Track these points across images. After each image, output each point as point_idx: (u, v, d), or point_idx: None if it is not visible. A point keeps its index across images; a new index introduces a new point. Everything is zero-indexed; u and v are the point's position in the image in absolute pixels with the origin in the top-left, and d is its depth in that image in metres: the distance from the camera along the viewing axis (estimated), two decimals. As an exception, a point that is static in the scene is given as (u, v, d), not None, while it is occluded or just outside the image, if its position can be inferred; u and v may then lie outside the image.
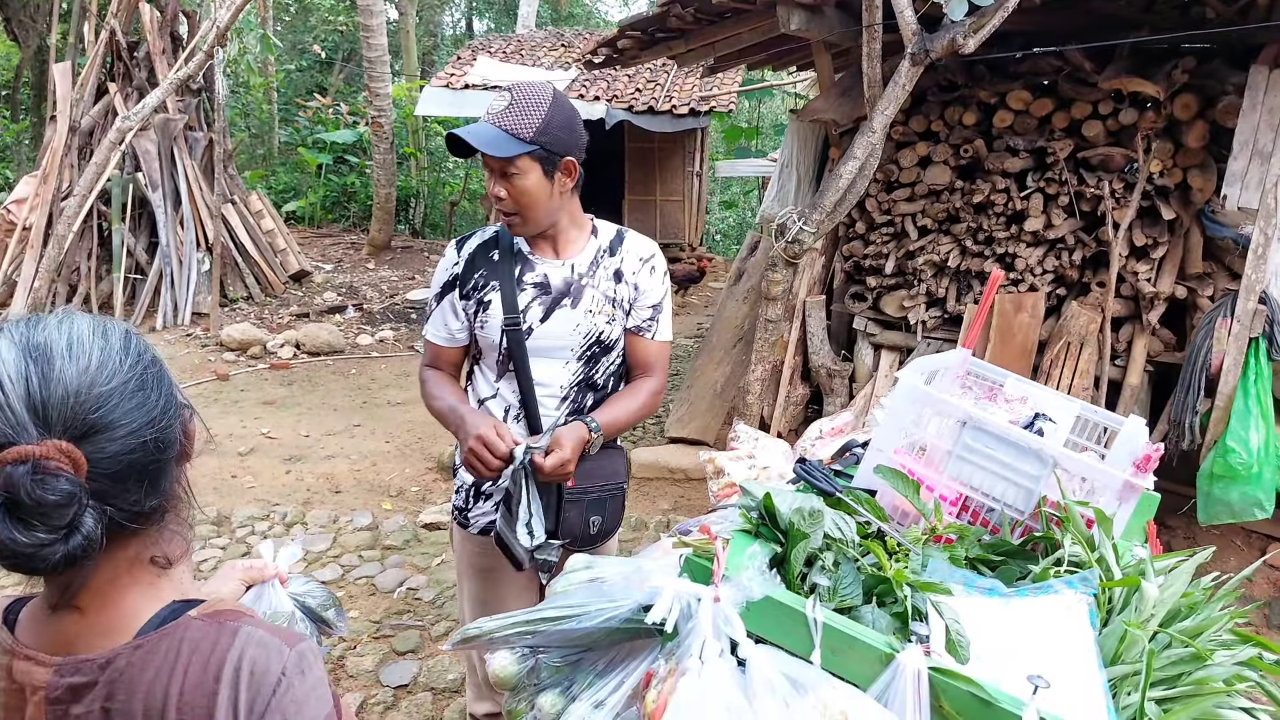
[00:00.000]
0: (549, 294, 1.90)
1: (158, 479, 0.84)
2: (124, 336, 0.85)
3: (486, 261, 1.93)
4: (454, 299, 1.95)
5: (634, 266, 1.96)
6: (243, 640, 0.84)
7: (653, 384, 2.01)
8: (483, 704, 2.14)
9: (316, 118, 15.23)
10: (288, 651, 0.85)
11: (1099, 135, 4.64)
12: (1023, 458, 1.36)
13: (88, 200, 7.46)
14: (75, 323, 0.83)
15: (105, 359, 0.81)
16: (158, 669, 0.82)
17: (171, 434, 0.85)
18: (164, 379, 0.86)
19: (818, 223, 4.07)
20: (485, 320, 1.91)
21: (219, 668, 0.82)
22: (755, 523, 1.22)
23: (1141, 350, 4.69)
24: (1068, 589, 1.22)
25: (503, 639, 1.21)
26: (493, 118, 1.76)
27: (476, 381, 2.01)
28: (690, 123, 12.02)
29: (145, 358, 0.85)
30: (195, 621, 0.85)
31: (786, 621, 1.05)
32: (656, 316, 2.00)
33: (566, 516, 1.91)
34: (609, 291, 1.93)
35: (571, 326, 1.91)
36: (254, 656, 0.83)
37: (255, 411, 6.19)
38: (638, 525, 4.68)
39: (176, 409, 0.87)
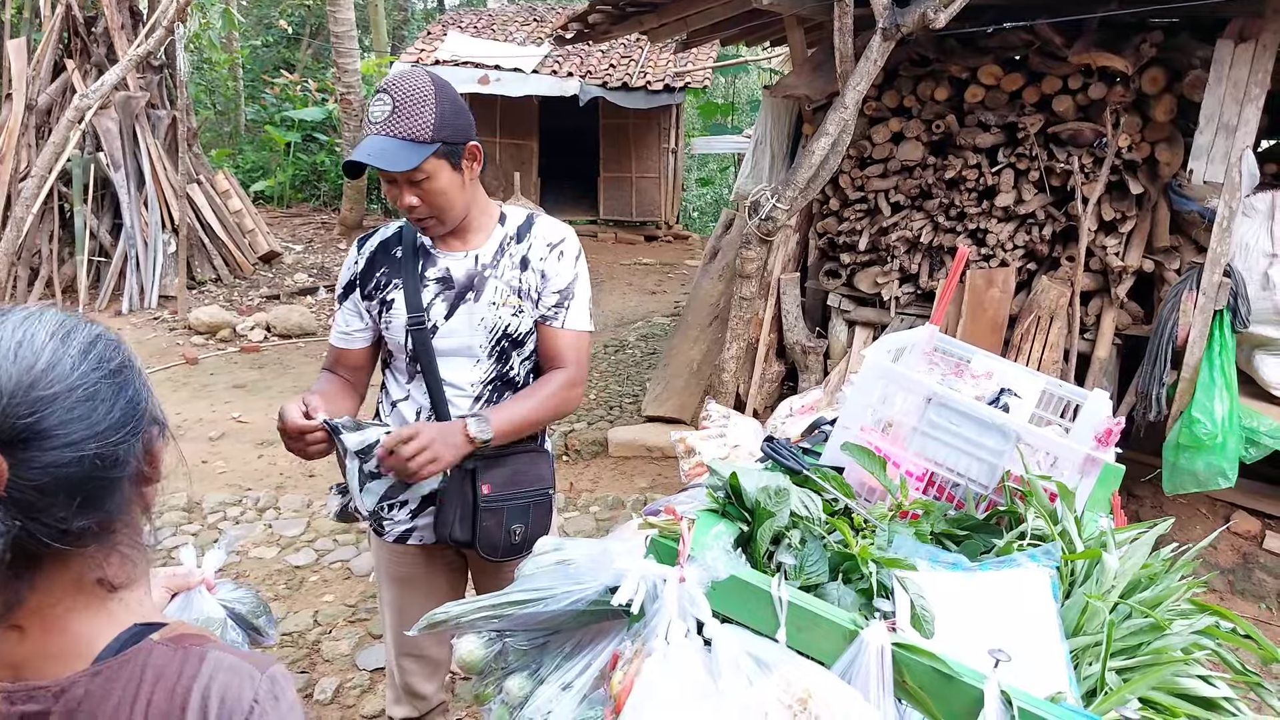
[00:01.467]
0: (452, 289, 1.81)
1: (97, 497, 0.78)
2: (88, 342, 0.80)
3: (388, 259, 1.84)
4: (355, 300, 1.88)
5: (541, 252, 1.84)
6: (210, 666, 0.80)
7: (563, 376, 1.85)
8: (400, 708, 2.09)
9: (284, 95, 14.96)
10: (259, 677, 0.81)
11: (1069, 110, 4.67)
12: (986, 433, 1.37)
13: (47, 181, 7.29)
14: (37, 321, 0.78)
15: (54, 362, 0.76)
16: (119, 699, 0.77)
17: (123, 452, 0.79)
18: (125, 392, 0.81)
19: (791, 199, 4.07)
20: (390, 320, 1.83)
21: (185, 696, 0.77)
22: (722, 502, 1.22)
23: (1110, 324, 4.74)
24: (1030, 562, 1.24)
25: (469, 623, 1.20)
26: (380, 127, 1.64)
27: (388, 384, 1.94)
28: (665, 99, 11.95)
29: (107, 366, 0.80)
30: (158, 647, 0.81)
31: (752, 600, 1.05)
32: (565, 303, 1.86)
33: (484, 525, 1.81)
34: (513, 281, 1.82)
35: (475, 321, 1.81)
36: (224, 683, 0.79)
37: (225, 395, 6.12)
38: (614, 504, 4.69)
39: (137, 425, 0.81)
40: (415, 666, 2.05)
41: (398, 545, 1.96)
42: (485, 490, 1.81)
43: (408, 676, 2.05)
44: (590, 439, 5.56)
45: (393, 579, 2.03)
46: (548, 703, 1.11)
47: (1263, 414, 3.90)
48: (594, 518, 4.55)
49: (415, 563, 1.99)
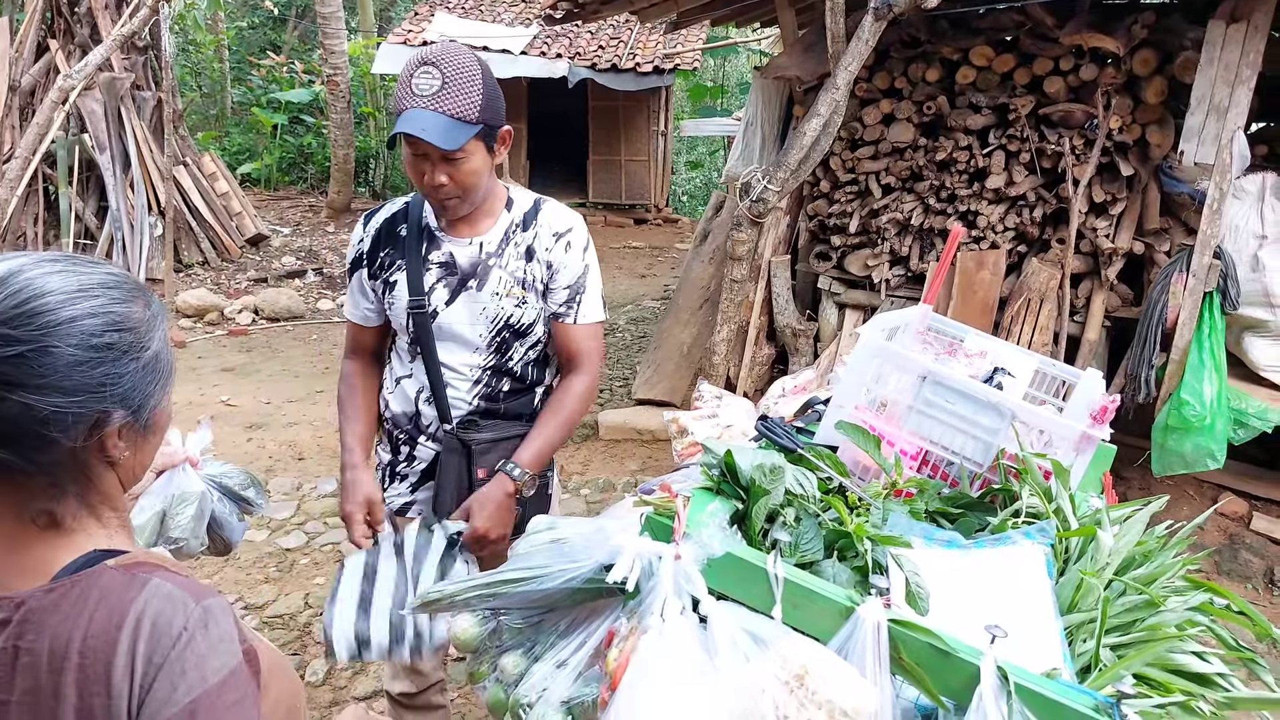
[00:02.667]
0: (455, 275, 1.78)
1: (20, 442, 0.82)
2: (104, 312, 0.85)
3: (394, 238, 1.82)
4: (362, 278, 1.87)
5: (547, 243, 1.81)
6: (149, 592, 0.84)
7: (580, 384, 1.85)
8: (398, 683, 2.08)
9: (270, 76, 14.80)
10: (192, 606, 0.85)
11: (1060, 91, 4.66)
12: (981, 411, 1.37)
13: (31, 163, 7.20)
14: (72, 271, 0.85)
15: (40, 310, 0.81)
16: (66, 613, 0.82)
17: (61, 418, 0.82)
18: (97, 368, 0.84)
19: (782, 181, 4.05)
20: (392, 301, 1.82)
21: (122, 617, 0.82)
22: (717, 480, 1.22)
23: (1100, 306, 4.76)
24: (1025, 540, 1.24)
25: (463, 601, 1.20)
26: (429, 101, 1.59)
27: (393, 360, 1.95)
28: (654, 81, 11.89)
29: (99, 340, 0.84)
30: (110, 571, 0.86)
31: (748, 577, 1.05)
32: (577, 297, 1.83)
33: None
34: (518, 272, 1.79)
35: (477, 311, 1.78)
36: (158, 609, 0.83)
37: (214, 379, 6.08)
38: (605, 486, 4.70)
39: (92, 404, 0.84)
40: None
41: (397, 517, 1.95)
42: (480, 474, 1.81)
43: None
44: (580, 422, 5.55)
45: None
46: (543, 680, 1.10)
47: (1251, 396, 3.93)
48: (585, 500, 4.55)
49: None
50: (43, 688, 0.81)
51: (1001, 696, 0.91)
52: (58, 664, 0.81)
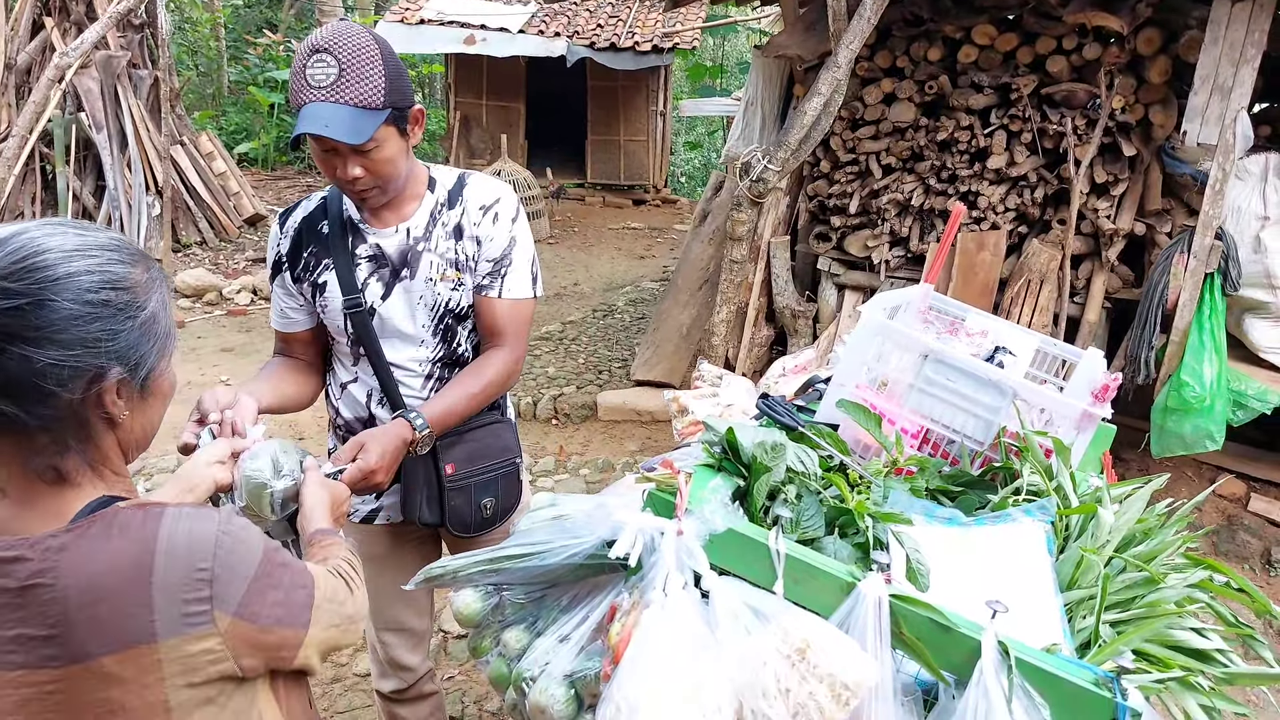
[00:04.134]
0: (386, 267, 1.68)
1: (20, 394, 0.86)
2: (100, 270, 0.90)
3: (315, 236, 1.70)
4: (285, 282, 1.74)
5: (475, 217, 1.70)
6: (172, 516, 0.92)
7: (501, 358, 1.73)
8: (387, 682, 2.05)
9: (267, 55, 14.67)
10: (212, 513, 0.95)
11: (1063, 71, 4.63)
12: (982, 389, 1.37)
13: (28, 142, 7.15)
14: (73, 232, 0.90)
15: (38, 265, 0.86)
16: (89, 549, 0.88)
17: (60, 372, 0.87)
18: (92, 324, 0.88)
19: (783, 161, 4.03)
20: (325, 304, 1.70)
21: (152, 543, 0.89)
22: (718, 457, 1.22)
23: (1100, 287, 4.75)
24: (1025, 517, 1.24)
25: (466, 577, 1.20)
26: (327, 92, 1.46)
27: (335, 367, 1.83)
28: (653, 60, 11.80)
29: (94, 296, 0.88)
30: (124, 509, 0.92)
31: (749, 553, 1.05)
32: (501, 271, 1.71)
33: (452, 505, 1.76)
34: (448, 253, 1.69)
35: (414, 301, 1.69)
36: (188, 526, 0.92)
37: (213, 359, 6.08)
38: (604, 466, 4.71)
39: (88, 359, 0.89)
40: (397, 640, 2.00)
41: (365, 525, 1.89)
42: (449, 470, 1.74)
43: (391, 650, 2.01)
44: (579, 403, 5.55)
45: (363, 558, 1.94)
46: (545, 654, 1.11)
47: (1251, 377, 3.93)
48: (584, 480, 4.56)
49: (384, 541, 1.92)
50: (73, 620, 0.86)
51: (1002, 670, 0.91)
52: (89, 597, 0.86)
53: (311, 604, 1.02)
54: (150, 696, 0.90)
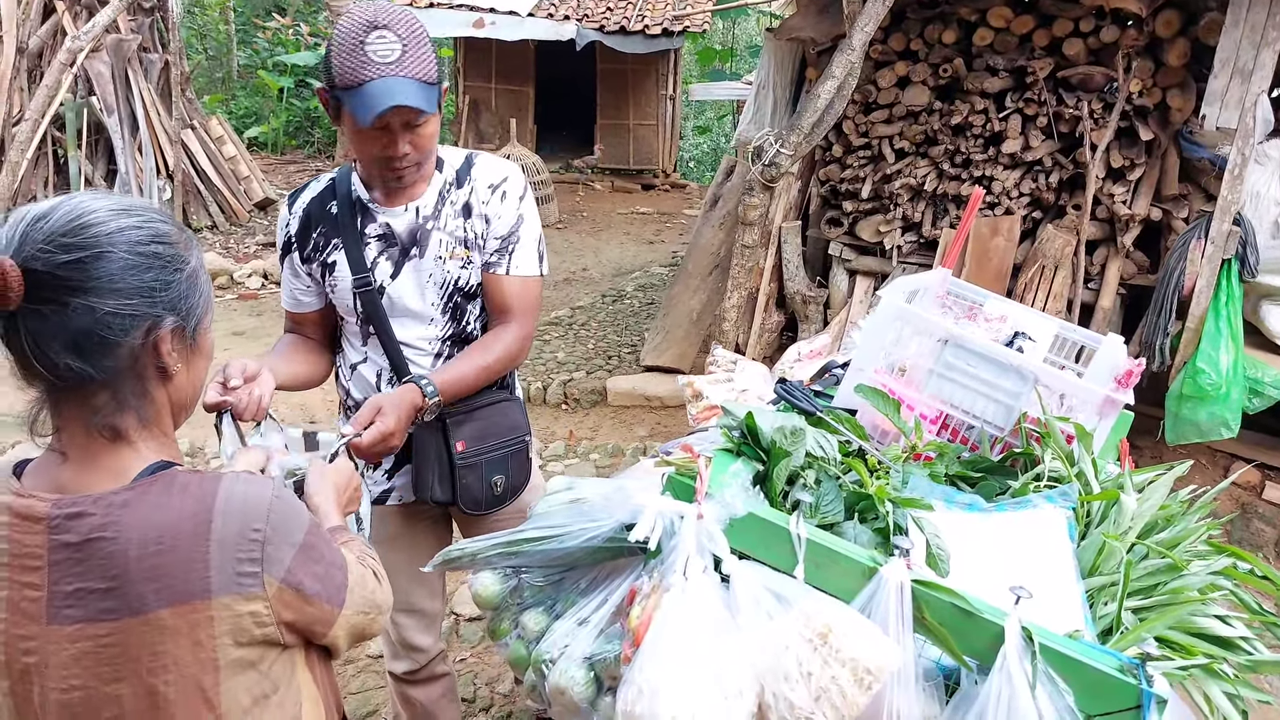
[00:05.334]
0: (395, 245, 1.69)
1: (86, 348, 0.92)
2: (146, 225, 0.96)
3: (325, 216, 1.71)
4: (294, 263, 1.75)
5: (484, 195, 1.72)
6: (229, 480, 0.97)
7: (510, 333, 1.74)
8: (399, 663, 2.05)
9: (276, 39, 14.64)
10: (269, 486, 1.00)
11: (1079, 54, 4.57)
12: (1003, 375, 1.36)
13: (41, 125, 7.16)
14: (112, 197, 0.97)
15: (91, 222, 0.92)
16: (150, 506, 0.93)
17: (121, 320, 0.93)
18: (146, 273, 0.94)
19: (795, 145, 4.00)
20: (335, 284, 1.72)
21: (211, 502, 0.95)
22: (737, 442, 1.21)
23: (1115, 273, 4.71)
24: (1047, 503, 1.23)
25: (484, 560, 1.20)
26: (396, 68, 1.49)
27: (345, 347, 1.84)
28: (663, 43, 11.72)
29: (145, 249, 0.94)
30: (184, 473, 0.98)
31: (770, 537, 1.04)
32: (509, 248, 1.73)
33: (463, 482, 1.76)
34: (457, 231, 1.70)
35: (424, 279, 1.71)
36: (244, 490, 0.97)
37: (225, 343, 6.09)
38: (614, 451, 4.71)
39: (144, 307, 0.94)
40: (410, 621, 2.00)
41: (377, 506, 1.89)
42: (459, 448, 1.74)
43: (404, 632, 2.01)
44: (589, 388, 5.55)
45: (375, 540, 1.95)
46: (564, 637, 1.11)
47: (1268, 364, 3.90)
48: (594, 465, 4.56)
49: (396, 522, 1.93)
50: (132, 572, 0.91)
51: (1026, 656, 0.90)
52: (149, 549, 0.91)
53: (346, 585, 1.06)
54: (201, 654, 0.94)
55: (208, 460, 4.46)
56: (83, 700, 0.94)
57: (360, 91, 1.49)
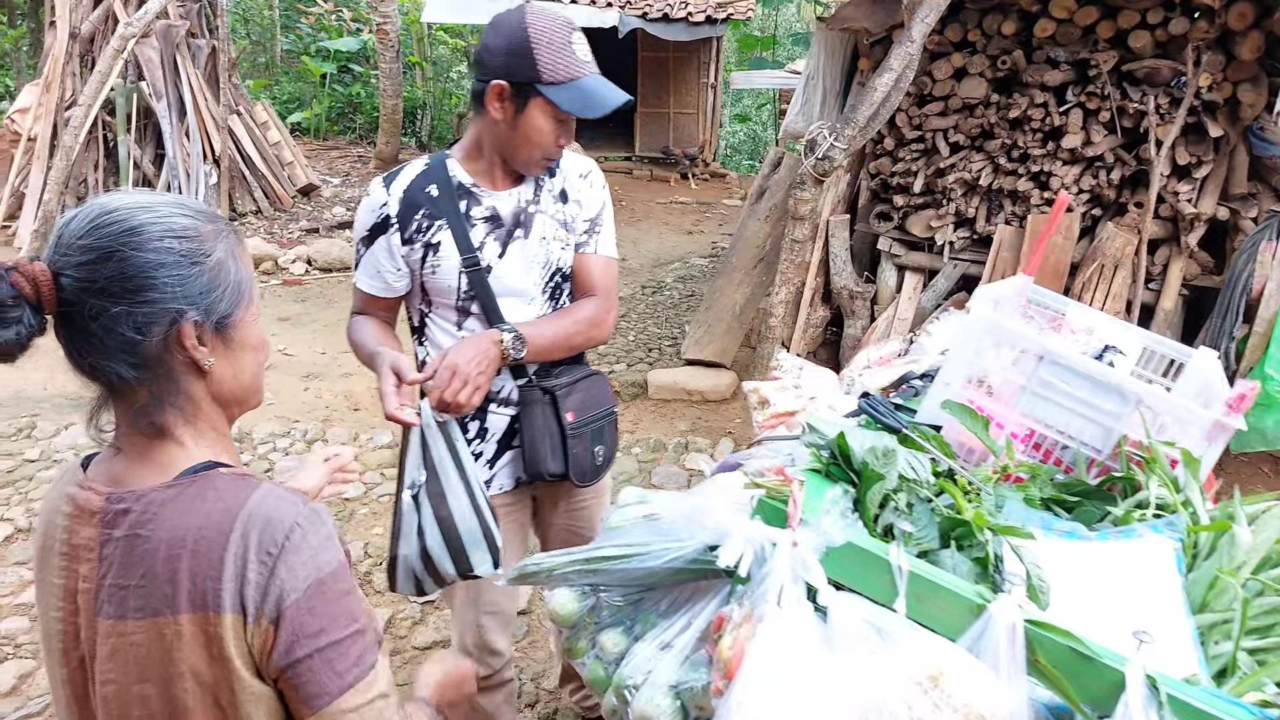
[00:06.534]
0: (501, 226, 1.75)
1: (119, 352, 0.93)
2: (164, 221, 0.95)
3: (426, 199, 1.73)
4: (391, 243, 1.74)
5: (576, 184, 1.83)
6: (263, 493, 0.95)
7: (594, 307, 1.83)
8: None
9: (319, 25, 14.74)
10: (302, 506, 0.95)
11: (1146, 46, 4.42)
12: (1102, 394, 1.29)
13: (92, 110, 7.25)
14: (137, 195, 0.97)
15: (110, 221, 0.92)
16: (184, 506, 0.93)
17: (137, 319, 0.92)
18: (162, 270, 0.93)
19: (850, 139, 3.91)
20: (437, 264, 1.73)
21: (237, 510, 0.92)
22: (826, 462, 1.16)
23: (1177, 274, 4.57)
24: (1153, 533, 1.17)
25: (561, 576, 1.17)
26: (594, 67, 1.69)
27: (433, 333, 1.83)
28: (706, 31, 11.60)
29: (160, 245, 0.93)
30: (224, 475, 0.97)
31: (868, 568, 1.00)
32: (595, 229, 1.85)
33: (573, 453, 1.81)
34: (558, 215, 1.80)
35: (529, 259, 1.77)
36: (272, 506, 0.94)
37: (271, 328, 6.14)
38: (656, 446, 4.67)
39: (163, 303, 0.93)
40: (492, 622, 1.98)
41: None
42: (570, 418, 1.80)
43: (487, 634, 1.98)
44: (630, 380, 5.52)
45: None
46: (647, 661, 1.07)
47: (1339, 372, 3.76)
48: (636, 459, 4.53)
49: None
50: (158, 573, 0.91)
51: (1151, 706, 0.85)
52: (175, 550, 0.91)
53: (361, 670, 0.94)
54: (216, 669, 0.91)
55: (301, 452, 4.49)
56: (116, 695, 0.94)
57: (574, 87, 1.62)
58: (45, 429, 4.41)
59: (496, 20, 1.65)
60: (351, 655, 0.94)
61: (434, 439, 1.59)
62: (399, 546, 1.66)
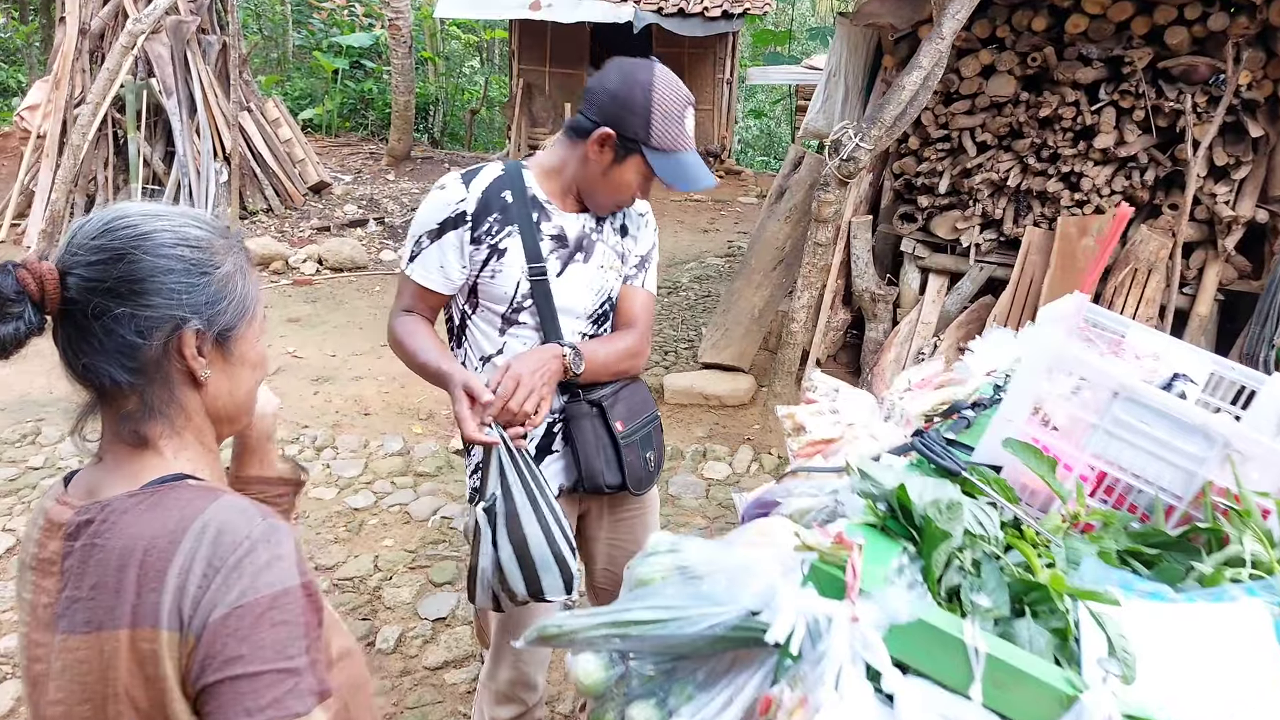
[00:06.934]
0: (565, 247, 1.78)
1: (115, 348, 0.91)
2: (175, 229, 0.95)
3: (501, 203, 1.74)
4: (461, 239, 1.73)
5: (635, 220, 1.90)
6: (220, 505, 0.90)
7: (634, 337, 1.86)
8: (507, 709, 1.92)
9: (331, 20, 14.67)
10: (258, 520, 0.90)
11: (1182, 43, 4.27)
12: (1183, 435, 1.16)
13: (102, 107, 7.18)
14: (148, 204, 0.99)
15: (122, 225, 0.93)
16: (140, 516, 0.89)
17: (141, 322, 0.91)
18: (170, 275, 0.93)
19: (876, 139, 3.78)
20: (499, 268, 1.73)
21: (189, 521, 0.87)
22: (882, 515, 1.04)
23: (1213, 278, 4.43)
24: (1247, 596, 1.04)
25: (586, 640, 1.05)
26: (693, 141, 1.72)
27: (474, 337, 1.81)
28: (722, 26, 11.45)
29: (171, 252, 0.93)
30: (189, 486, 0.93)
31: (938, 648, 0.88)
32: (645, 266, 1.91)
33: (628, 462, 1.82)
34: (617, 246, 1.85)
35: (584, 283, 1.80)
36: (225, 518, 0.88)
37: (280, 330, 6.06)
38: (674, 454, 4.55)
39: (167, 309, 0.92)
40: (533, 656, 1.90)
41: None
42: (619, 427, 1.81)
43: (525, 667, 1.89)
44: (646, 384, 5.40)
45: None
46: (683, 745, 0.95)
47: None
48: (654, 468, 4.41)
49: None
50: (108, 583, 0.87)
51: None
52: (125, 560, 0.86)
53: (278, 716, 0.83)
54: (152, 691, 0.85)
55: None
56: (62, 717, 0.89)
57: (674, 158, 1.68)
58: (50, 435, 4.33)
59: (625, 69, 1.67)
60: (268, 695, 0.83)
61: (508, 461, 1.61)
62: (478, 558, 1.65)
